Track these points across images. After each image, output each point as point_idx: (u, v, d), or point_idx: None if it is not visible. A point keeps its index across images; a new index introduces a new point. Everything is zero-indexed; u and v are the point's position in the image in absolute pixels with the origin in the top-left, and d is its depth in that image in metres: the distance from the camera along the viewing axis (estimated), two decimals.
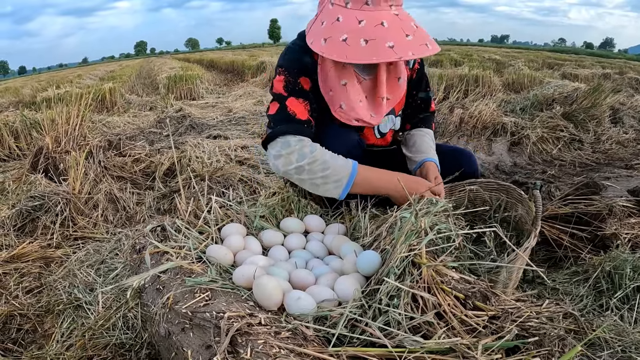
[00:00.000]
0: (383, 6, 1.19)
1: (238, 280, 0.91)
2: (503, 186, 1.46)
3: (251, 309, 0.80)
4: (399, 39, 1.15)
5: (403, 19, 1.20)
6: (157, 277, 0.95)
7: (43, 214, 2.21)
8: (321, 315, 0.81)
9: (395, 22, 1.18)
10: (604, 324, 1.23)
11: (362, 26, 1.17)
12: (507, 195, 1.44)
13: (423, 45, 1.16)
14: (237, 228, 1.15)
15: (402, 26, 1.18)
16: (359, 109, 1.36)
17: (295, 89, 1.35)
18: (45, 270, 1.88)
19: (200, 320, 0.75)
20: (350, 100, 1.35)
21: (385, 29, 1.16)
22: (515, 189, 1.42)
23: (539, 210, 1.14)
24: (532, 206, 1.20)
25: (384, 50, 1.14)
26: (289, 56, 1.40)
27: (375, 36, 1.15)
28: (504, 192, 1.46)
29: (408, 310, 0.74)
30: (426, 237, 0.85)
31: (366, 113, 1.38)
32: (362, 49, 1.15)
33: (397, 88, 1.45)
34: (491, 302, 0.80)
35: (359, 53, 1.15)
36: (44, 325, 1.52)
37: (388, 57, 1.14)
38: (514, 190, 1.42)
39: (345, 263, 1.01)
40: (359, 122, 1.37)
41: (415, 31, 1.19)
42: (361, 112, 1.36)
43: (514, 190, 1.42)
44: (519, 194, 1.38)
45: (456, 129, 3.67)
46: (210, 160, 2.84)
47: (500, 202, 1.45)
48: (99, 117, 4.87)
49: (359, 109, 1.36)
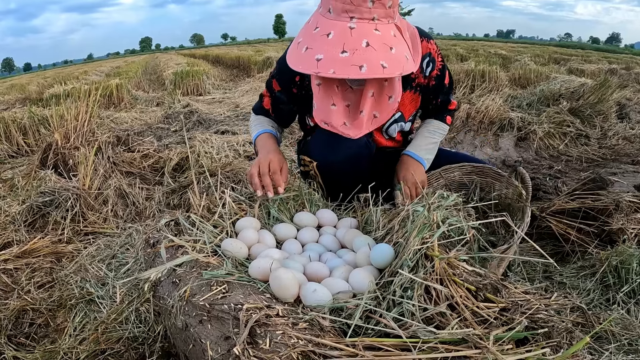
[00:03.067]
0: (342, 17, 1.10)
1: (254, 273, 0.93)
2: (478, 168, 1.52)
3: (268, 300, 0.82)
4: (331, 53, 1.07)
5: (364, 33, 1.09)
6: (173, 271, 0.96)
7: (53, 209, 2.22)
8: (337, 306, 0.83)
9: (341, 35, 1.08)
10: (610, 317, 1.25)
11: (314, 33, 1.13)
12: (484, 177, 1.50)
13: (354, 67, 1.05)
14: (251, 222, 1.17)
15: (348, 41, 1.07)
16: (330, 113, 1.30)
17: (268, 83, 1.59)
18: (56, 265, 1.89)
19: (218, 312, 0.77)
20: (321, 101, 1.31)
21: (326, 40, 1.09)
22: (491, 168, 1.48)
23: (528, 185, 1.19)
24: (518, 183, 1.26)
25: (309, 61, 1.09)
26: (279, 61, 1.53)
27: (313, 46, 1.11)
28: (480, 173, 1.52)
29: (421, 302, 0.76)
30: (438, 230, 0.87)
31: (338, 119, 1.31)
32: (300, 55, 1.12)
33: (386, 107, 1.32)
34: (501, 295, 0.82)
35: (293, 58, 1.15)
36: (56, 319, 1.53)
37: (308, 69, 1.10)
38: (490, 169, 1.48)
39: (359, 256, 1.03)
40: (328, 126, 1.31)
41: (362, 50, 1.07)
42: (331, 116, 1.30)
43: (490, 169, 1.48)
44: (495, 173, 1.45)
45: (463, 124, 3.67)
46: (219, 156, 2.85)
47: (477, 184, 1.51)
48: (106, 113, 4.88)
49: (330, 112, 1.30)
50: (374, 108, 1.32)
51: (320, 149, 1.44)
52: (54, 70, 33.37)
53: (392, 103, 1.31)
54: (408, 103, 1.55)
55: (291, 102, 1.57)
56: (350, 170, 1.41)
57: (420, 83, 1.52)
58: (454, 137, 3.55)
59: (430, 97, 1.59)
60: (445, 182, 1.53)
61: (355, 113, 1.32)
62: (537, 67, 6.67)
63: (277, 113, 1.62)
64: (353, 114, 1.32)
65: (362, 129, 1.30)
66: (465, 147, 3.46)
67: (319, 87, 1.31)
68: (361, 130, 1.30)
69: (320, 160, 1.43)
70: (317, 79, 1.31)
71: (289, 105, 1.58)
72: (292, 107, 1.60)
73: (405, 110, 1.55)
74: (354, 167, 1.42)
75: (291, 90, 1.52)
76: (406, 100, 1.53)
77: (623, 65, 10.28)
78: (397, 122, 1.56)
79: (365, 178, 1.42)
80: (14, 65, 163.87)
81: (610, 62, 11.03)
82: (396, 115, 1.54)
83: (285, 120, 1.67)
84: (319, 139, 1.46)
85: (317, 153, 1.45)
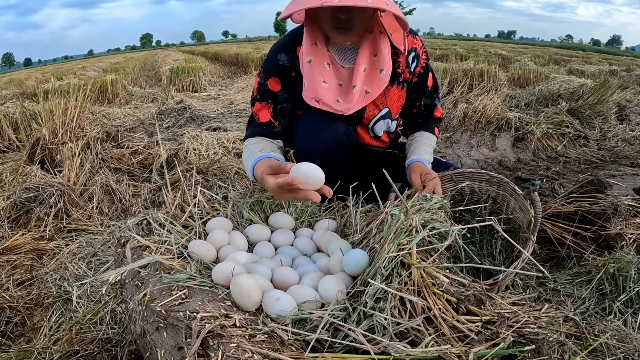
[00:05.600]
0: None
1: (217, 278, 0.86)
2: (494, 178, 1.37)
3: (228, 309, 0.75)
4: None
5: None
6: (137, 273, 0.90)
7: (37, 205, 2.21)
8: (300, 317, 0.76)
9: None
10: (606, 329, 1.18)
11: None
12: (499, 188, 1.36)
13: None
14: (222, 222, 1.10)
15: None
16: (321, 90, 1.32)
17: (262, 91, 1.45)
18: (37, 263, 1.87)
19: (173, 320, 0.70)
20: (312, 78, 1.33)
21: None
22: (508, 182, 1.33)
23: (538, 216, 1.07)
24: (530, 209, 1.13)
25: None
26: (268, 55, 1.48)
27: None
28: (496, 184, 1.37)
29: (395, 315, 0.69)
30: (417, 235, 0.79)
31: (330, 96, 1.32)
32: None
33: (378, 81, 1.35)
34: (486, 306, 0.75)
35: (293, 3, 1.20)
36: (33, 318, 1.51)
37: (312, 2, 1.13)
38: (507, 184, 1.33)
39: (332, 262, 0.95)
40: (319, 104, 1.32)
41: None
42: (323, 93, 1.32)
43: (507, 184, 1.33)
44: (511, 189, 1.30)
45: (459, 123, 3.62)
46: (207, 153, 2.80)
47: (490, 194, 1.37)
48: (100, 109, 4.83)
49: (321, 89, 1.32)
50: (366, 83, 1.35)
51: (300, 137, 1.40)
52: (53, 66, 33.44)
53: (383, 76, 1.34)
54: (396, 100, 1.52)
55: (294, 98, 1.46)
56: (331, 160, 1.33)
57: (406, 78, 1.51)
58: (450, 137, 3.49)
59: (413, 97, 1.57)
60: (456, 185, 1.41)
61: (347, 90, 1.35)
62: (537, 68, 6.62)
63: (284, 117, 1.47)
64: (346, 91, 1.36)
65: (354, 103, 1.33)
66: (462, 147, 3.41)
67: (309, 65, 1.32)
68: (353, 105, 1.33)
69: (300, 149, 1.39)
70: (308, 56, 1.32)
71: (293, 102, 1.47)
72: (296, 104, 1.48)
73: (392, 106, 1.52)
74: (335, 157, 1.37)
75: (291, 82, 1.44)
76: (394, 96, 1.51)
77: (624, 67, 10.31)
78: (384, 119, 1.52)
79: (348, 173, 1.38)
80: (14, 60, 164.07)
81: (611, 64, 11.03)
82: (383, 111, 1.51)
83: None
84: (299, 128, 1.42)
85: (297, 142, 1.41)
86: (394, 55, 1.42)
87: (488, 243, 1.26)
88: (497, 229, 0.87)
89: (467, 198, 1.35)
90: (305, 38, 1.35)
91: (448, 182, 1.41)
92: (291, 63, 1.42)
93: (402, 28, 1.36)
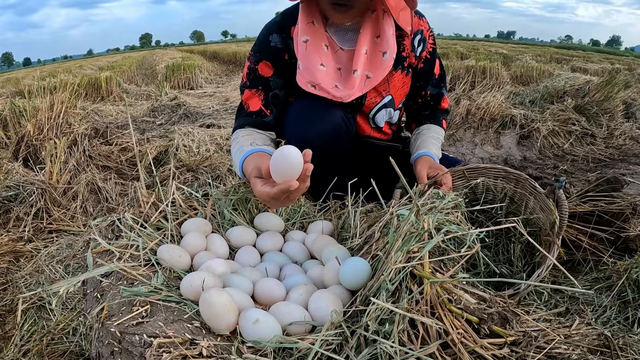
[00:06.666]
0: None
1: (185, 292, 0.72)
2: (511, 174, 1.24)
3: (195, 331, 0.61)
4: None
5: None
6: (99, 282, 0.77)
7: (17, 204, 2.13)
8: (285, 346, 0.61)
9: None
10: (632, 341, 1.05)
11: None
12: (516, 186, 1.22)
13: None
14: (200, 224, 0.95)
15: None
16: (318, 73, 1.21)
17: (252, 77, 1.33)
18: (14, 266, 1.78)
19: (128, 345, 0.57)
20: (309, 60, 1.21)
21: None
22: (527, 178, 1.20)
23: (564, 217, 0.93)
24: (554, 209, 0.98)
25: None
26: (258, 38, 1.35)
27: None
28: (513, 181, 1.24)
29: (404, 341, 0.54)
30: (430, 241, 0.64)
31: (328, 81, 1.21)
32: None
33: (380, 64, 1.25)
34: (511, 325, 0.62)
35: None
36: (5, 326, 1.41)
37: None
38: (526, 180, 1.20)
39: (326, 273, 0.81)
40: (316, 89, 1.21)
41: None
42: (320, 77, 1.20)
43: (526, 180, 1.20)
44: (531, 186, 1.17)
45: (462, 121, 3.50)
46: (198, 150, 2.67)
47: (507, 193, 1.23)
48: (92, 106, 4.72)
49: (318, 72, 1.21)
50: (368, 67, 1.25)
51: (293, 125, 1.28)
52: (52, 66, 33.46)
53: (386, 60, 1.24)
54: (400, 87, 1.40)
55: (288, 84, 1.34)
56: (328, 150, 1.23)
57: (411, 63, 1.39)
58: (453, 134, 3.38)
59: (418, 85, 1.45)
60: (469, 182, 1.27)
61: (347, 75, 1.24)
62: (540, 65, 6.53)
63: (276, 105, 1.35)
64: (345, 76, 1.25)
65: (354, 89, 1.21)
66: (465, 144, 3.29)
67: (305, 45, 1.21)
68: (353, 92, 1.21)
69: (293, 137, 1.25)
70: (304, 35, 1.21)
71: (287, 88, 1.36)
72: (290, 91, 1.37)
73: (395, 94, 1.40)
74: (332, 149, 1.26)
75: (284, 66, 1.32)
76: (398, 82, 1.38)
77: (625, 66, 10.27)
78: (386, 108, 1.39)
79: (346, 167, 1.28)
80: (13, 59, 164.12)
81: (613, 63, 10.98)
82: (386, 99, 1.38)
83: None
84: (291, 115, 1.30)
85: (289, 131, 1.28)
86: (399, 37, 1.30)
87: (504, 247, 1.12)
88: (521, 232, 0.73)
89: (482, 197, 1.20)
90: (301, 15, 1.22)
91: (460, 178, 1.27)
92: (284, 44, 1.29)
93: (410, 6, 1.22)
